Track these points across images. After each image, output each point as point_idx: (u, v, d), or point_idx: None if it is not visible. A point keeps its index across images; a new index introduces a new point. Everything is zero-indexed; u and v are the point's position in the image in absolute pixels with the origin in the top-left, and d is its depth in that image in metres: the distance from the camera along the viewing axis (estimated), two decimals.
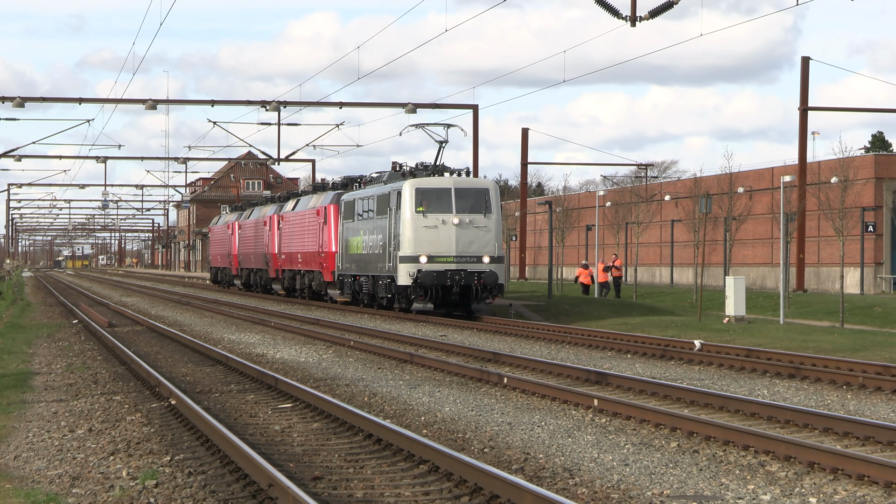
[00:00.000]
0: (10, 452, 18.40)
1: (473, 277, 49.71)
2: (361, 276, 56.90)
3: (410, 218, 50.46)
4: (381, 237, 53.02)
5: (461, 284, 49.75)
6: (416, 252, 50.13)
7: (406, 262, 50.19)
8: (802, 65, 72.60)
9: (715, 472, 16.66)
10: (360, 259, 56.85)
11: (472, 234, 50.23)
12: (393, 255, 51.40)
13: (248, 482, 15.56)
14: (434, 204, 50.58)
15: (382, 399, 24.66)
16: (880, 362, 29.96)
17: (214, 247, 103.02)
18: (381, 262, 53.03)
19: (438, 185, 51.18)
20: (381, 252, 53.13)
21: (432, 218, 50.31)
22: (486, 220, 50.58)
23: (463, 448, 18.41)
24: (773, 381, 27.98)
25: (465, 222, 50.11)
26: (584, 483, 15.90)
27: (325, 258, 62.91)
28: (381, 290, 53.46)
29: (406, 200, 50.68)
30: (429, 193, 50.90)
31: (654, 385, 25.31)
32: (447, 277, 49.68)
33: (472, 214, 50.40)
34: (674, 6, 38.75)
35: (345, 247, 59.56)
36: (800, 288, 71.59)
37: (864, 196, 79.18)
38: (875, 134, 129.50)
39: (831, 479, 16.04)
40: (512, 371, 29.19)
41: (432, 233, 50.20)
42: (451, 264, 49.89)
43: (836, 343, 38.37)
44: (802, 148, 73.51)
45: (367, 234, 55.39)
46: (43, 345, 39.49)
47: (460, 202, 50.49)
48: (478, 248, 50.20)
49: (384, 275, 52.81)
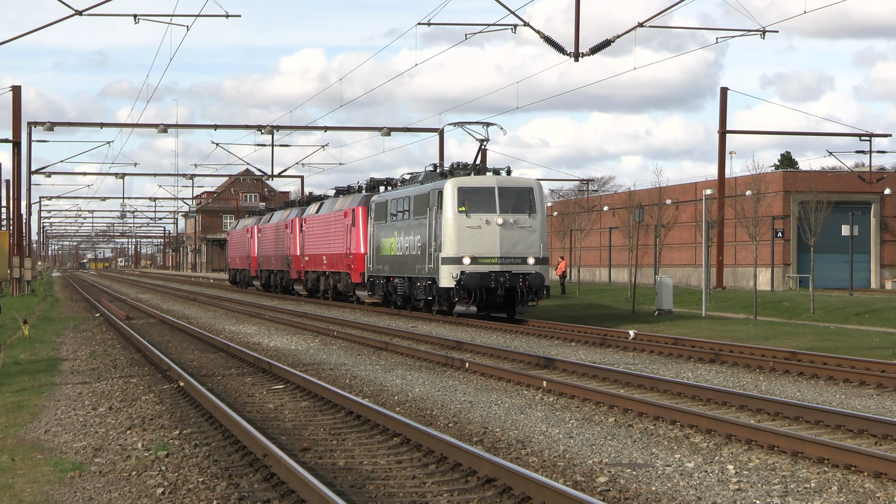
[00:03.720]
0: (41, 427, 18.34)
1: (518, 279, 42.78)
2: (396, 277, 49.90)
3: (453, 218, 43.47)
4: (420, 238, 46.26)
5: (506, 286, 42.72)
6: (459, 253, 43.26)
7: (448, 263, 43.35)
8: (721, 94, 72.78)
9: (647, 443, 16.68)
10: (393, 260, 49.99)
11: (517, 235, 43.26)
12: (434, 256, 44.59)
13: (246, 452, 15.53)
14: (477, 203, 43.53)
15: (361, 381, 24.63)
16: (788, 349, 30.06)
17: (233, 249, 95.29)
18: (420, 264, 46.31)
19: (481, 185, 43.97)
20: (419, 253, 46.44)
21: (475, 218, 43.26)
22: (531, 220, 43.51)
23: (430, 423, 18.40)
24: (697, 365, 28.03)
25: (509, 222, 43.11)
26: (535, 453, 15.90)
27: (354, 259, 56.57)
28: (420, 291, 46.60)
29: (448, 200, 43.67)
30: (471, 193, 43.74)
31: (594, 369, 25.33)
32: (491, 279, 42.69)
33: (516, 214, 43.41)
34: (611, 44, 38.84)
35: (376, 248, 52.52)
36: (719, 285, 71.73)
37: (774, 207, 79.41)
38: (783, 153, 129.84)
39: (746, 449, 16.08)
40: (473, 357, 29.16)
41: (476, 233, 43.24)
42: (496, 266, 42.94)
43: (750, 332, 38.49)
44: (721, 165, 73.72)
45: (403, 235, 48.59)
46: (70, 335, 39.33)
47: (504, 202, 43.53)
48: (522, 249, 43.26)
49: (423, 276, 46.08)
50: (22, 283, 77.67)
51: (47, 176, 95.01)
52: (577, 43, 38.54)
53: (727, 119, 72.76)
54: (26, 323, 38.90)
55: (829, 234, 70.03)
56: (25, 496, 13.37)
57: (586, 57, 38.75)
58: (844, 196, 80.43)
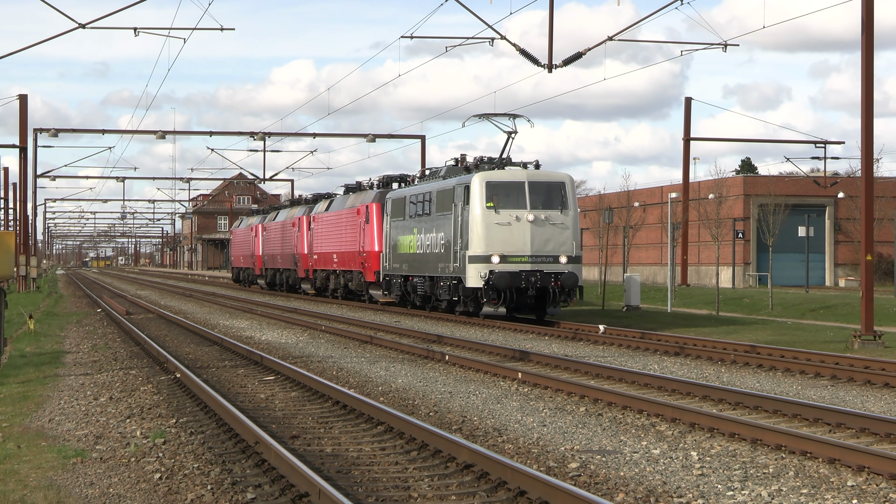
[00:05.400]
0: (46, 416, 18.28)
1: (550, 279, 38.38)
2: (415, 276, 45.36)
3: (481, 214, 38.89)
4: (444, 235, 41.59)
5: (537, 286, 38.39)
6: (487, 251, 38.69)
7: (476, 262, 38.83)
8: (686, 104, 72.87)
9: (616, 431, 16.68)
10: (412, 259, 45.32)
11: (549, 232, 38.80)
12: (460, 254, 39.96)
13: (238, 440, 15.49)
14: (506, 199, 39.04)
15: (347, 373, 24.59)
16: (748, 343, 30.12)
17: (237, 248, 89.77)
18: (443, 262, 41.62)
19: (511, 179, 39.36)
20: (441, 251, 41.83)
21: (504, 214, 38.78)
22: (563, 216, 39.06)
23: (412, 412, 18.38)
24: (663, 358, 28.06)
25: (540, 219, 38.67)
26: (510, 440, 15.90)
27: (367, 258, 52.04)
28: (443, 291, 41.92)
29: (475, 195, 39.09)
30: (500, 187, 39.20)
31: (566, 361, 25.33)
32: (521, 279, 38.31)
33: (548, 210, 38.95)
34: (582, 56, 38.82)
35: (392, 246, 47.96)
36: (684, 283, 71.81)
37: (735, 209, 79.54)
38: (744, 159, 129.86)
39: (709, 437, 16.09)
40: (452, 350, 29.16)
41: (505, 230, 38.73)
42: (526, 265, 38.52)
43: (713, 327, 38.54)
44: (686, 170, 73.82)
45: (423, 232, 43.88)
46: (73, 329, 39.22)
47: (535, 197, 39.01)
48: (554, 247, 38.83)
49: (446, 276, 41.44)
50: (28, 281, 77.57)
51: (52, 179, 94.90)
52: (550, 55, 38.52)
53: (691, 127, 72.90)
54: (32, 318, 38.79)
55: (787, 235, 70.14)
56: (30, 481, 13.33)
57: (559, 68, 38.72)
58: (801, 199, 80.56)
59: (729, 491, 12.71)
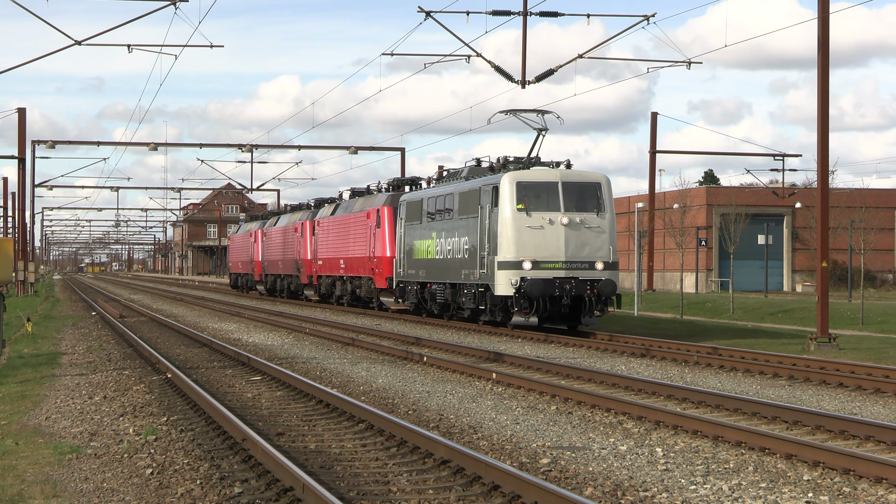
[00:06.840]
0: (42, 414, 18.21)
1: (586, 286, 34.18)
2: (434, 283, 40.92)
3: (511, 217, 34.52)
4: (468, 240, 37.22)
5: (572, 295, 34.21)
6: (518, 256, 34.38)
7: (506, 268, 34.52)
8: (652, 118, 72.98)
9: (585, 428, 16.70)
10: (430, 265, 40.94)
11: (584, 236, 34.53)
12: (487, 260, 35.59)
13: (226, 437, 15.46)
14: (537, 201, 34.71)
15: (330, 373, 24.56)
16: (710, 345, 30.18)
17: (235, 254, 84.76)
18: (468, 269, 37.16)
19: (543, 179, 34.96)
20: (465, 257, 37.44)
21: (536, 217, 34.42)
22: (599, 219, 34.75)
23: (392, 411, 18.37)
24: (630, 359, 28.09)
25: (574, 222, 34.36)
26: (485, 437, 15.90)
27: (378, 263, 47.77)
28: (468, 300, 37.47)
29: (505, 196, 34.71)
30: (532, 188, 34.81)
31: (538, 362, 25.34)
32: (555, 286, 34.08)
33: (583, 213, 34.64)
34: (554, 73, 38.84)
35: (407, 251, 43.47)
36: (650, 288, 71.91)
37: (699, 218, 79.77)
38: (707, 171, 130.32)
39: (673, 434, 16.12)
40: (430, 351, 29.13)
41: (537, 234, 34.42)
42: (560, 271, 34.27)
43: (677, 330, 38.60)
44: (652, 182, 73.91)
45: (444, 236, 39.45)
46: (69, 331, 39.08)
47: (569, 199, 34.69)
48: (590, 253, 34.55)
49: (471, 283, 37.02)
50: (26, 285, 77.38)
51: (49, 189, 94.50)
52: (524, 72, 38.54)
53: (657, 140, 72.92)
54: (29, 321, 38.64)
55: (747, 243, 70.39)
56: (28, 476, 13.30)
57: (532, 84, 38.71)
58: (760, 209, 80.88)
59: (692, 485, 12.73)
